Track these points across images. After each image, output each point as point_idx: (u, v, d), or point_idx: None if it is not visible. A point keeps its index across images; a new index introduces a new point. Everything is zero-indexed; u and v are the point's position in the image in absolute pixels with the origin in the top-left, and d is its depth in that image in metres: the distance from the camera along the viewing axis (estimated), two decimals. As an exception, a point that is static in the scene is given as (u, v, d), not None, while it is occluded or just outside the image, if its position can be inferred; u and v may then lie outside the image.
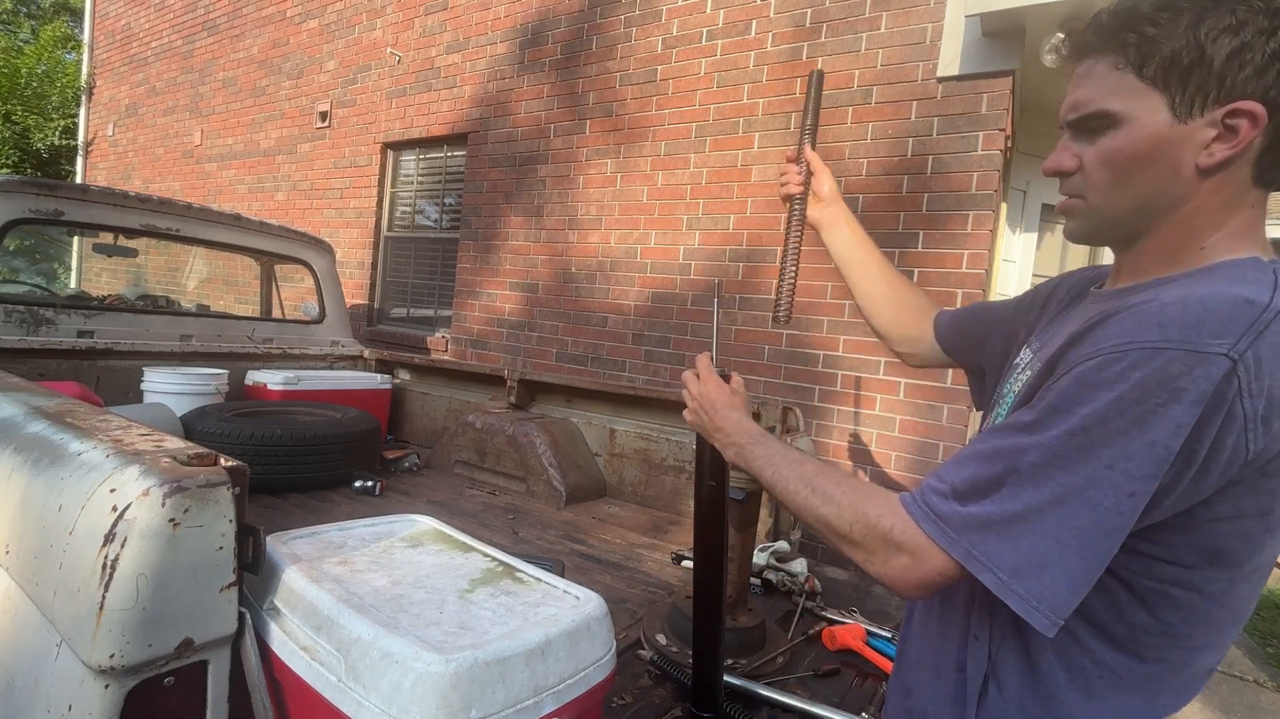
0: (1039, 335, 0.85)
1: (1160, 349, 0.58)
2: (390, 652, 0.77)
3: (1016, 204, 3.74)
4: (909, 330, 1.15)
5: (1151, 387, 0.58)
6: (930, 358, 1.14)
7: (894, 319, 1.17)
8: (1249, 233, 0.68)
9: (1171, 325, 0.59)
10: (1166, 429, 0.58)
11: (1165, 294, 0.62)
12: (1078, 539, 0.60)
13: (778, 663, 1.49)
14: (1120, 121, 0.68)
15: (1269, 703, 3.18)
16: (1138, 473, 0.59)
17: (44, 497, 0.91)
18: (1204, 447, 0.58)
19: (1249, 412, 0.58)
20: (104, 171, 8.37)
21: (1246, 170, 0.66)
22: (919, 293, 1.20)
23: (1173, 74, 0.65)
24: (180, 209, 2.89)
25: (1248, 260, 0.66)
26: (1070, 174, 0.73)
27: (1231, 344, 0.57)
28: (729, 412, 0.96)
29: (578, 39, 4.31)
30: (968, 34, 3.00)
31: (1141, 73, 0.67)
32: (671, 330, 3.88)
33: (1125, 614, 0.68)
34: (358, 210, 5.53)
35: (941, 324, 1.11)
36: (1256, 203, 0.68)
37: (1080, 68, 0.73)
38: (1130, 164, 0.68)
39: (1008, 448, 0.65)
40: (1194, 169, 0.66)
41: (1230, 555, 0.65)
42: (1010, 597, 0.62)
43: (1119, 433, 0.59)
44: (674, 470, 2.62)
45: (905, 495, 0.71)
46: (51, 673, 0.83)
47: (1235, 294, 0.60)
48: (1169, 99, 0.66)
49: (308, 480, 2.43)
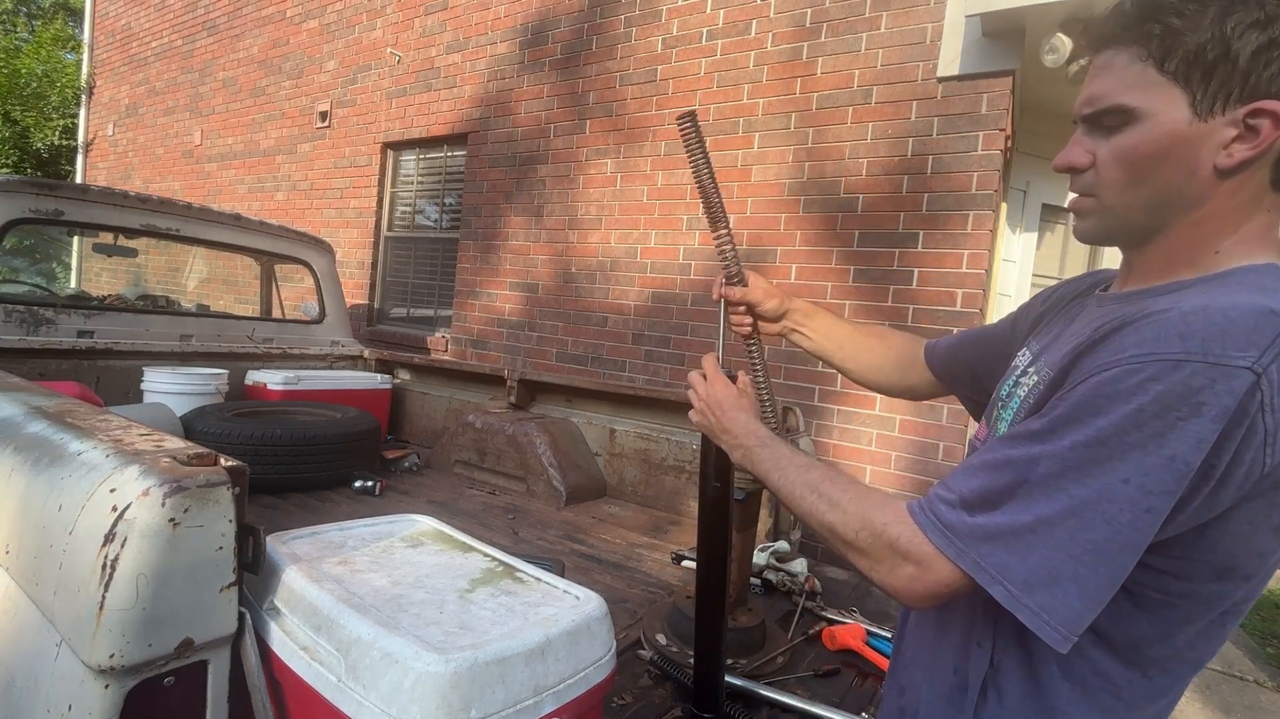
0: (1039, 336, 0.83)
1: (1182, 361, 0.56)
2: (390, 652, 0.77)
3: (1016, 204, 3.74)
4: (906, 380, 1.14)
5: (1172, 400, 0.56)
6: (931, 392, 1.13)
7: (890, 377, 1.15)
8: (1265, 237, 0.66)
9: (1194, 337, 0.56)
10: (1187, 444, 0.56)
11: (1185, 302, 0.60)
12: (1092, 554, 0.58)
13: (778, 663, 1.49)
14: (1138, 117, 0.65)
15: (1269, 703, 3.18)
16: (1155, 488, 0.57)
17: (44, 497, 0.91)
18: (1223, 462, 0.57)
19: (1270, 427, 0.56)
20: (104, 171, 8.37)
21: (1265, 173, 0.64)
22: (897, 342, 1.16)
23: (1195, 69, 0.62)
24: (180, 209, 2.89)
25: (1266, 267, 0.64)
26: (1082, 171, 0.71)
27: (1256, 357, 0.55)
28: (737, 413, 0.95)
29: (578, 39, 4.31)
30: (968, 34, 3.00)
31: (1163, 67, 0.64)
32: (671, 330, 3.88)
33: (1130, 626, 0.67)
34: (358, 210, 5.53)
35: (937, 357, 1.08)
36: (1273, 207, 0.66)
37: (1099, 59, 0.69)
38: (1146, 162, 0.66)
39: (1019, 457, 0.63)
40: (1212, 170, 0.63)
41: (1240, 570, 0.64)
42: (1021, 610, 0.60)
43: (1136, 446, 0.57)
44: (674, 470, 2.62)
45: (912, 504, 0.69)
46: (51, 673, 0.83)
47: (1259, 305, 0.57)
48: (1190, 95, 0.63)
49: (308, 480, 2.42)
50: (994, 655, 0.73)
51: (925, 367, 1.09)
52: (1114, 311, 0.68)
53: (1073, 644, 0.60)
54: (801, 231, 3.45)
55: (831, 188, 3.35)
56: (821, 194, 3.38)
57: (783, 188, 3.50)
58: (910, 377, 1.13)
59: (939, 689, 0.79)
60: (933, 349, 1.09)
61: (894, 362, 1.14)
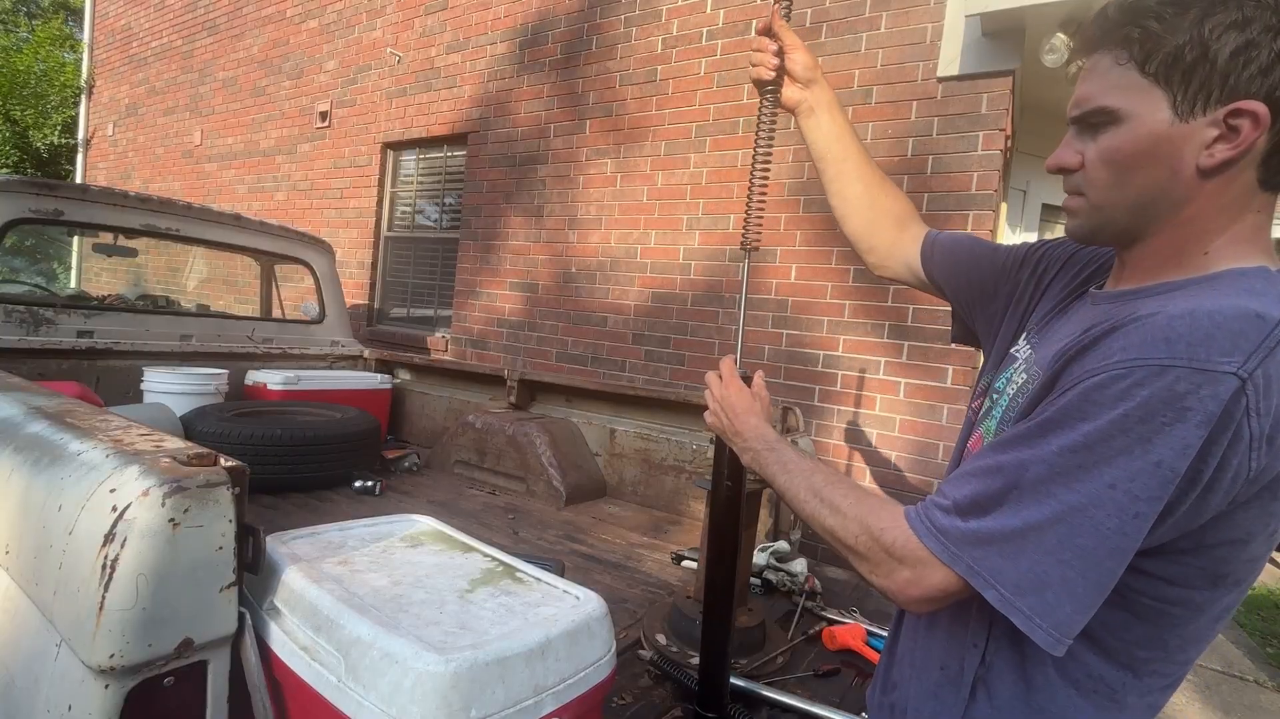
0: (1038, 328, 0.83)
1: (1167, 366, 0.56)
2: (390, 652, 0.77)
3: (1016, 204, 3.74)
4: (882, 239, 1.09)
5: (1157, 405, 0.56)
6: (902, 275, 1.08)
7: (867, 227, 1.09)
8: (1255, 238, 0.66)
9: (1179, 341, 0.57)
10: (1172, 449, 0.56)
11: (1172, 305, 0.60)
12: (1081, 559, 0.59)
13: (778, 663, 1.49)
14: (1121, 119, 0.67)
15: (1269, 703, 3.18)
16: (1142, 494, 0.57)
17: (44, 497, 0.91)
18: (1210, 467, 0.57)
19: (1255, 431, 0.56)
20: (104, 171, 8.37)
21: (1252, 173, 0.64)
22: (899, 198, 1.10)
23: (1175, 71, 0.63)
24: (180, 209, 2.89)
25: (1256, 270, 0.64)
26: (1073, 171, 0.72)
27: (1241, 362, 0.55)
28: (748, 417, 0.97)
29: (578, 39, 4.31)
30: (968, 34, 3.00)
31: (1144, 69, 0.65)
32: (671, 330, 3.88)
33: (1125, 631, 0.67)
34: (358, 210, 5.53)
35: (936, 251, 1.04)
36: (1263, 207, 0.66)
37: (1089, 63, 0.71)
38: (1130, 162, 0.67)
39: (1009, 463, 0.63)
40: (1195, 170, 0.64)
41: (1234, 576, 0.65)
42: (1013, 613, 0.61)
43: (1123, 451, 0.57)
44: (674, 470, 2.62)
45: (910, 509, 0.70)
46: (51, 673, 0.83)
47: (1245, 309, 0.57)
48: (1170, 97, 0.64)
49: (308, 480, 2.42)
50: (986, 655, 0.74)
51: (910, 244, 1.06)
52: (1104, 314, 0.68)
53: (1067, 647, 0.61)
54: (801, 231, 3.45)
55: (831, 188, 3.34)
56: (821, 194, 3.37)
57: (783, 188, 3.50)
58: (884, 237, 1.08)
59: (926, 686, 0.80)
60: (933, 237, 1.05)
61: (883, 210, 1.08)
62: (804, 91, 1.08)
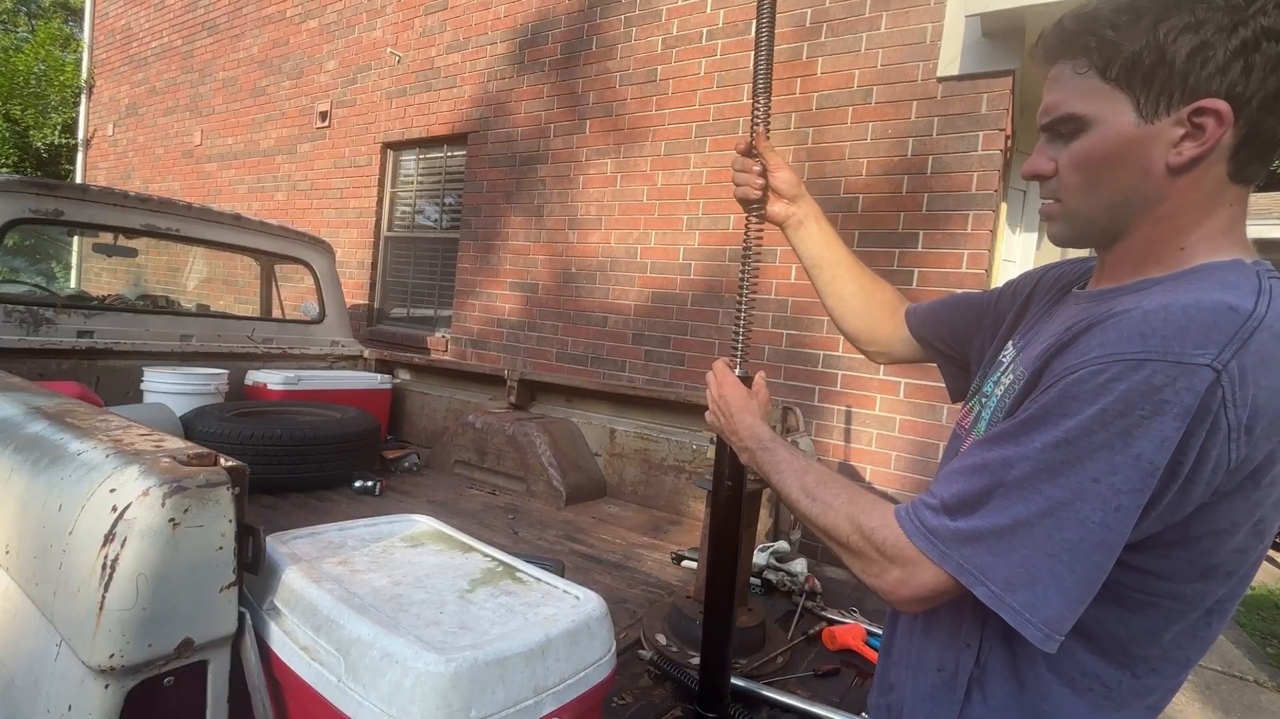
0: (1023, 333, 0.84)
1: (1143, 360, 0.57)
2: (390, 652, 0.77)
3: (1016, 204, 3.74)
4: (881, 330, 1.12)
5: (1135, 399, 0.57)
6: (901, 354, 1.12)
7: (866, 323, 1.13)
8: (1230, 231, 0.67)
9: (1154, 335, 0.58)
10: (1152, 442, 0.57)
11: (1147, 301, 0.62)
12: (1068, 553, 0.60)
13: (778, 663, 1.49)
14: (1088, 124, 0.68)
15: (1269, 703, 3.18)
16: (1124, 487, 0.58)
17: (44, 497, 0.91)
18: (1189, 459, 0.58)
19: (1233, 422, 0.57)
20: (104, 171, 8.37)
21: (1221, 168, 0.65)
22: (888, 289, 1.15)
23: (1135, 75, 0.65)
24: (180, 209, 2.89)
25: (1230, 263, 0.65)
26: (1048, 177, 0.74)
27: (1215, 354, 0.56)
28: (744, 416, 0.97)
29: (577, 39, 4.31)
30: (968, 34, 3.00)
31: (1105, 75, 0.67)
32: (671, 330, 3.88)
33: (1117, 627, 0.68)
34: (358, 210, 5.53)
35: (917, 316, 1.08)
36: (1235, 200, 0.67)
37: (1051, 72, 0.73)
38: (1100, 166, 0.69)
39: (994, 460, 0.64)
40: (1165, 168, 0.66)
41: (1223, 568, 0.65)
42: (1004, 609, 0.62)
43: (1103, 446, 0.58)
44: (674, 470, 2.62)
45: (899, 509, 0.71)
46: (51, 673, 0.83)
47: (1219, 301, 0.59)
48: (1134, 100, 0.66)
49: (308, 480, 2.43)
50: (980, 655, 0.74)
51: (903, 323, 1.09)
52: (1084, 312, 0.70)
53: (1059, 644, 0.61)
54: (801, 231, 3.45)
55: (831, 188, 3.35)
56: (821, 194, 3.38)
57: (783, 188, 3.50)
58: (883, 329, 1.12)
59: (923, 687, 0.80)
60: (913, 309, 1.10)
61: (878, 304, 1.12)
62: (791, 206, 1.14)
